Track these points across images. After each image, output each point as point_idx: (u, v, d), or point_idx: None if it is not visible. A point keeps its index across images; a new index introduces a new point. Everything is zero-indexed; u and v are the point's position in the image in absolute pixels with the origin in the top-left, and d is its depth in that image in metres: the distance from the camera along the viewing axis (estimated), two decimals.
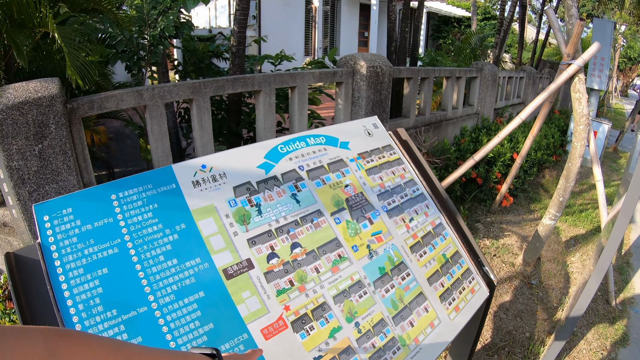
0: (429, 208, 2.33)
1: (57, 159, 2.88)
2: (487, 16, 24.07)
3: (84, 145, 3.09)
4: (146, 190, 1.56)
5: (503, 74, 9.23)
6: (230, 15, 16.11)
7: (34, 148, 2.78)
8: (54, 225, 1.41)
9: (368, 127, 2.37)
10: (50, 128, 2.81)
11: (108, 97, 3.09)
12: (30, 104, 2.71)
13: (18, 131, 2.70)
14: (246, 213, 1.66)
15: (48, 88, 2.82)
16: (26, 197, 2.83)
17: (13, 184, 2.79)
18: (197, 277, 1.48)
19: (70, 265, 1.38)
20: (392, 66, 5.10)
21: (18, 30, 3.82)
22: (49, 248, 1.38)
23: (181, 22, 4.32)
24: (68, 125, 2.92)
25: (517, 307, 4.41)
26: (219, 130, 4.65)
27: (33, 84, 2.83)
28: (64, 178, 2.94)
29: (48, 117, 2.79)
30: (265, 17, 16.20)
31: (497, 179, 6.63)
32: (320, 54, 17.36)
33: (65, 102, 2.93)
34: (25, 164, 2.77)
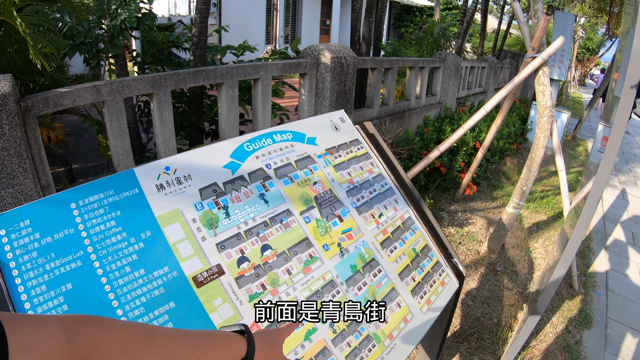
0: (398, 202, 2.32)
1: (12, 161, 2.71)
2: (449, 6, 24.32)
3: (40, 146, 2.93)
4: (108, 197, 1.48)
5: (465, 64, 9.33)
6: (190, 3, 15.76)
7: None
8: (11, 240, 1.32)
9: (335, 121, 2.33)
10: (4, 129, 2.64)
11: (64, 93, 2.94)
12: None
13: None
14: (214, 216, 1.60)
15: (0, 86, 2.66)
16: None
17: None
18: (166, 286, 1.42)
19: (31, 283, 1.29)
20: (357, 57, 5.06)
21: None
22: (8, 265, 1.29)
23: (143, 13, 4.17)
24: (22, 124, 2.77)
25: (483, 293, 4.49)
26: (180, 124, 4.52)
27: None
28: (20, 182, 2.78)
29: (1, 117, 2.62)
30: (226, 4, 15.91)
31: (461, 167, 6.72)
32: (281, 42, 17.22)
33: (19, 100, 2.77)
34: None
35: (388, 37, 22.72)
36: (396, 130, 6.30)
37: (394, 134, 6.07)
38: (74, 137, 7.28)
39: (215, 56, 5.20)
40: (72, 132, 7.10)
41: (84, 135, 7.71)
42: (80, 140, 7.40)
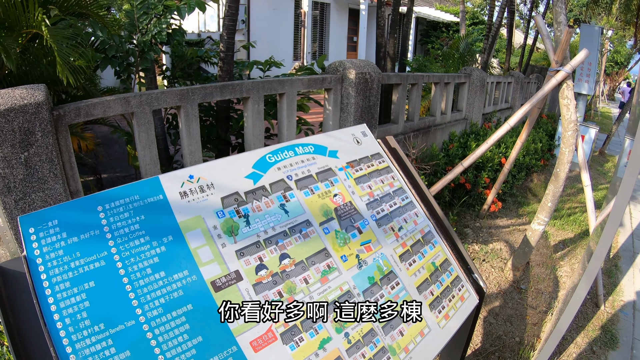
0: (418, 216, 2.33)
1: (43, 167, 2.83)
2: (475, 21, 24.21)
3: (71, 153, 3.05)
4: (133, 202, 1.55)
5: (491, 79, 9.29)
6: (219, 20, 16.08)
7: (20, 156, 2.73)
8: (39, 238, 1.39)
9: (357, 135, 2.37)
10: (37, 136, 2.76)
11: (95, 104, 3.06)
12: (16, 111, 2.67)
13: (4, 139, 2.65)
14: (234, 224, 1.65)
15: (34, 95, 2.78)
16: (12, 205, 2.78)
17: None
18: (185, 289, 1.47)
19: (56, 279, 1.36)
20: (381, 72, 5.09)
21: (6, 33, 3.78)
22: (35, 261, 1.36)
23: (173, 29, 4.30)
24: (54, 132, 2.88)
25: (506, 311, 4.43)
26: (207, 136, 4.61)
27: (19, 91, 2.79)
28: (51, 186, 2.89)
29: (34, 125, 2.74)
30: (255, 21, 16.19)
31: (486, 184, 6.66)
32: (309, 59, 17.39)
33: (52, 109, 2.89)
34: (11, 172, 2.72)
35: (415, 53, 22.73)
36: (421, 146, 6.29)
37: (418, 149, 6.07)
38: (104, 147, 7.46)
39: (242, 71, 5.30)
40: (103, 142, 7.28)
41: (114, 146, 7.90)
42: (110, 151, 7.59)
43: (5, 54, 3.66)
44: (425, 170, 5.94)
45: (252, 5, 15.98)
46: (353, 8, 20.24)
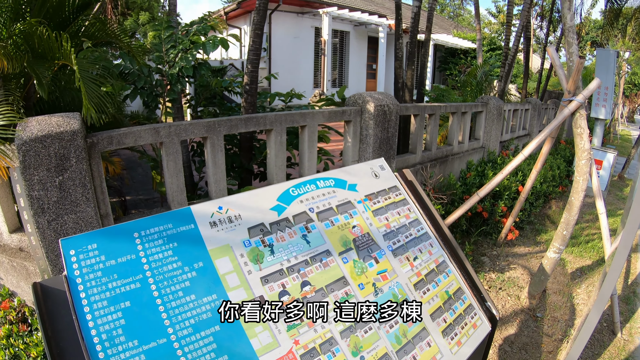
0: (433, 246, 2.43)
1: (76, 190, 2.99)
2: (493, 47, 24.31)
3: (102, 178, 3.21)
4: (167, 230, 1.68)
5: (508, 106, 9.35)
6: (241, 48, 16.48)
7: (55, 180, 2.89)
8: (79, 260, 1.53)
9: (375, 169, 2.49)
10: (71, 161, 2.93)
11: (126, 133, 3.24)
12: (52, 137, 2.84)
13: (40, 163, 2.82)
14: (260, 253, 1.78)
15: (70, 123, 2.95)
16: (45, 225, 2.94)
17: (33, 212, 2.89)
18: (213, 312, 1.59)
19: (94, 298, 1.49)
20: (399, 104, 5.23)
21: (38, 61, 4.00)
22: (75, 280, 1.50)
23: (199, 63, 4.51)
24: (88, 158, 3.05)
25: (522, 339, 4.44)
26: (230, 165, 4.77)
27: (55, 119, 2.95)
28: (82, 209, 3.04)
29: (69, 151, 2.91)
30: (276, 49, 16.56)
31: (503, 212, 6.69)
32: (329, 86, 17.63)
33: (86, 136, 3.06)
34: (46, 194, 2.88)
35: (433, 80, 22.89)
36: (439, 175, 6.37)
37: (435, 179, 6.15)
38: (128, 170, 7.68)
39: (264, 102, 5.48)
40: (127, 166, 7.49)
41: (137, 170, 8.13)
42: (133, 174, 7.80)
43: (38, 81, 3.88)
44: (443, 200, 6.01)
45: (273, 34, 16.36)
46: (372, 36, 20.56)
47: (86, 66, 3.89)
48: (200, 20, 4.92)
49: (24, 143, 2.77)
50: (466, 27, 32.10)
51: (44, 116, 3.00)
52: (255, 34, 4.45)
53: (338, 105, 5.45)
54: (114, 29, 4.83)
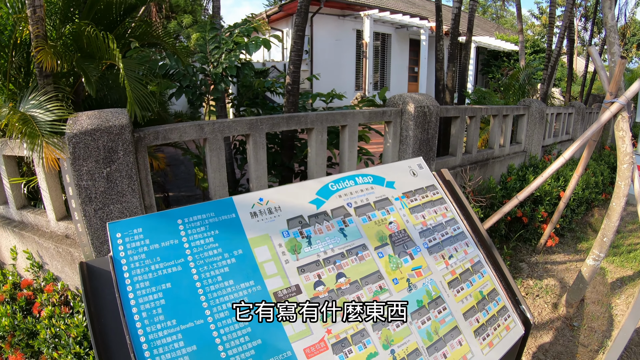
0: (469, 246, 2.43)
1: (122, 182, 3.13)
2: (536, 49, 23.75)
3: (148, 171, 3.35)
4: (209, 218, 1.77)
5: (551, 110, 9.15)
6: (283, 50, 16.66)
7: (103, 171, 3.04)
8: (125, 242, 1.63)
9: (413, 167, 2.52)
10: (119, 154, 3.07)
11: (172, 129, 3.36)
12: (102, 131, 2.99)
13: (89, 155, 2.97)
14: (297, 244, 1.84)
15: (119, 118, 3.09)
16: (91, 214, 3.09)
17: (81, 201, 3.05)
18: (250, 297, 1.66)
19: (137, 278, 1.58)
20: (440, 105, 5.21)
21: (87, 61, 4.18)
22: (120, 261, 1.59)
23: (242, 63, 4.63)
24: (134, 152, 3.18)
25: (556, 348, 4.37)
26: (272, 163, 4.86)
27: (105, 114, 3.10)
28: (128, 200, 3.18)
29: (117, 144, 3.05)
30: (317, 51, 16.67)
31: (543, 218, 6.57)
32: (370, 89, 17.63)
33: (133, 131, 3.20)
34: (94, 184, 3.03)
35: (475, 83, 22.53)
36: (478, 178, 6.32)
37: (475, 182, 6.10)
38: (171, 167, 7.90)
39: (306, 102, 5.56)
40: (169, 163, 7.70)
41: (180, 167, 8.35)
42: (176, 172, 8.01)
43: (86, 79, 4.06)
44: (482, 203, 5.96)
45: (315, 36, 16.48)
46: (414, 39, 20.43)
47: (132, 66, 4.05)
48: (243, 22, 5.05)
49: (75, 136, 2.92)
50: (508, 29, 31.46)
51: (93, 111, 3.15)
52: (297, 35, 4.53)
53: (379, 106, 5.48)
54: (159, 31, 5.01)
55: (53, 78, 3.90)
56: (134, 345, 1.46)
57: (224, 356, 1.53)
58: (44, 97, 3.54)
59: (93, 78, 4.07)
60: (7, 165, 4.20)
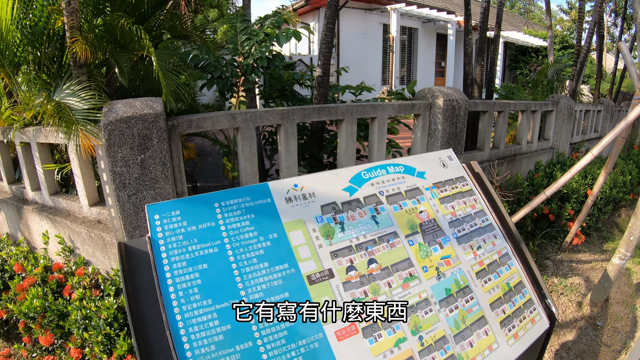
0: (497, 238, 2.45)
1: (156, 168, 3.20)
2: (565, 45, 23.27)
3: (180, 159, 3.42)
4: (245, 202, 1.82)
5: (580, 107, 9.01)
6: (310, 44, 16.68)
7: (137, 157, 3.11)
8: (163, 224, 1.68)
9: (443, 159, 2.55)
10: (153, 141, 3.14)
11: (205, 117, 3.43)
12: (136, 118, 3.06)
13: (124, 142, 3.05)
14: (331, 229, 1.89)
15: (153, 106, 3.17)
16: (125, 199, 3.17)
17: (115, 186, 3.13)
18: (284, 280, 1.71)
19: (175, 258, 1.63)
20: (468, 100, 5.19)
21: (119, 52, 4.28)
22: (158, 242, 1.65)
23: (273, 55, 4.68)
24: (168, 139, 3.26)
25: (579, 347, 4.35)
26: (301, 154, 4.92)
27: (139, 102, 3.18)
28: (161, 186, 3.26)
29: (151, 132, 3.12)
30: (344, 45, 16.65)
31: (570, 216, 6.50)
32: (397, 83, 17.54)
33: (167, 119, 3.26)
34: (128, 170, 3.11)
35: (503, 78, 22.21)
36: (505, 173, 6.28)
37: (502, 176, 6.07)
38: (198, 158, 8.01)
39: (335, 94, 5.59)
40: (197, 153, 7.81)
41: (207, 158, 8.46)
42: (203, 162, 8.11)
43: (119, 69, 4.17)
44: (509, 198, 5.93)
45: (342, 30, 16.45)
46: (441, 33, 20.23)
47: (164, 57, 4.14)
48: (274, 13, 5.11)
49: (110, 123, 2.99)
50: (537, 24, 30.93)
51: (128, 99, 3.23)
52: (327, 28, 4.57)
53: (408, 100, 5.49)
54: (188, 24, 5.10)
55: (87, 68, 4.00)
56: (169, 323, 1.52)
57: (257, 336, 1.58)
58: (78, 86, 3.64)
59: (126, 69, 4.18)
60: (40, 153, 4.31)
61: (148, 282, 1.60)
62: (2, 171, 5.28)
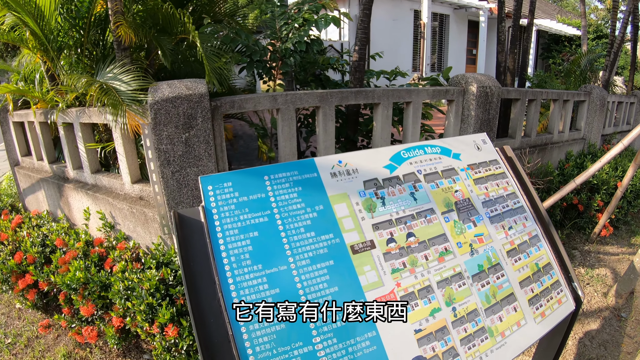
0: (527, 220, 2.54)
1: (200, 147, 3.35)
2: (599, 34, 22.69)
3: (222, 138, 3.57)
4: (293, 176, 1.94)
5: (612, 98, 8.89)
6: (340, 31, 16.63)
7: (182, 136, 3.26)
8: (216, 194, 1.80)
9: (477, 142, 2.64)
10: (197, 120, 3.29)
11: (247, 99, 3.57)
12: (182, 98, 3.20)
13: (169, 120, 3.19)
14: (372, 203, 2.01)
15: (198, 87, 3.30)
16: (169, 176, 3.33)
17: (159, 163, 3.29)
18: (329, 248, 1.83)
19: (227, 227, 1.75)
20: (501, 87, 5.24)
21: (161, 35, 4.41)
22: (211, 211, 1.77)
23: (312, 39, 4.79)
24: (211, 119, 3.40)
25: (602, 336, 4.39)
26: (337, 137, 5.03)
27: (184, 83, 3.32)
28: (204, 164, 3.41)
29: (196, 111, 3.26)
30: (375, 32, 16.44)
31: (599, 207, 6.48)
32: (427, 70, 17.42)
33: (210, 100, 3.40)
34: (172, 148, 3.26)
35: (535, 67, 21.83)
36: (537, 161, 6.29)
37: (533, 164, 6.08)
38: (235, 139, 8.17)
39: (369, 79, 5.67)
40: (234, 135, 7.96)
41: (239, 141, 8.63)
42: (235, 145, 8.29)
43: (162, 52, 4.30)
44: (539, 186, 5.94)
45: (373, 16, 16.20)
46: (472, 20, 19.96)
47: (206, 40, 4.25)
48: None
49: (156, 103, 3.14)
50: (570, 12, 30.17)
51: (173, 81, 3.37)
52: (363, 14, 4.66)
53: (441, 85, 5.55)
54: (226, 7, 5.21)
55: (129, 51, 4.15)
56: (222, 287, 1.64)
57: (303, 300, 1.70)
58: (121, 69, 3.78)
59: (168, 51, 4.32)
60: (83, 132, 4.47)
61: (202, 248, 1.72)
62: (44, 151, 5.47)
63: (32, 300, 4.28)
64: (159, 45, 4.32)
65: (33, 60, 5.84)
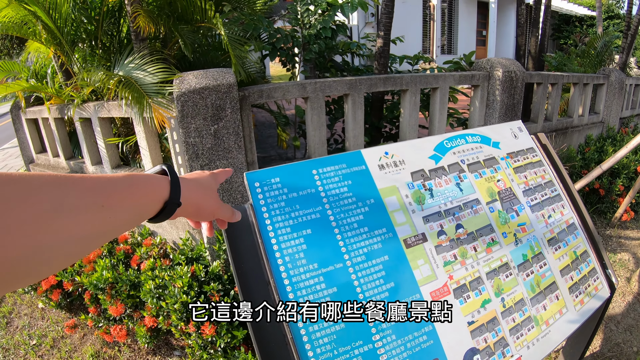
0: (565, 208, 2.53)
1: (229, 138, 3.29)
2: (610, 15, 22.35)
3: (251, 128, 3.54)
4: (341, 169, 1.92)
5: (630, 81, 8.80)
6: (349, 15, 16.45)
7: (210, 128, 3.20)
8: (264, 191, 1.75)
9: (514, 130, 2.62)
10: (226, 111, 3.22)
11: (276, 87, 3.55)
12: (210, 89, 3.14)
13: (197, 112, 3.13)
14: (421, 195, 2.00)
15: (226, 77, 3.23)
16: (197, 169, 3.24)
17: (188, 157, 3.23)
18: (383, 243, 1.82)
19: (279, 224, 1.71)
20: (525, 71, 5.20)
21: (181, 24, 4.38)
22: (260, 209, 1.72)
23: (337, 25, 4.74)
24: (240, 110, 3.34)
25: (627, 321, 4.40)
26: None
27: (211, 73, 3.24)
28: (234, 156, 3.35)
29: (225, 102, 3.20)
30: None
31: (620, 191, 6.46)
32: (438, 52, 17.28)
33: (238, 89, 3.35)
34: (201, 141, 3.20)
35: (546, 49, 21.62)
36: (563, 146, 6.27)
37: (557, 149, 6.06)
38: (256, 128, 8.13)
39: (392, 64, 5.61)
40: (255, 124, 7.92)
41: None
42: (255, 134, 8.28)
43: (183, 42, 4.27)
44: None
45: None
46: (482, 1, 19.73)
47: (230, 28, 4.22)
48: None
49: (183, 94, 3.08)
50: None
51: (199, 71, 3.30)
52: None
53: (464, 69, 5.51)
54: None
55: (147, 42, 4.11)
56: (277, 287, 1.61)
57: (361, 297, 1.68)
58: (141, 60, 3.73)
59: (189, 40, 4.29)
60: (102, 127, 4.43)
61: (251, 247, 1.68)
62: (60, 147, 5.43)
63: (56, 300, 4.27)
64: (179, 34, 4.28)
65: (42, 56, 5.82)
